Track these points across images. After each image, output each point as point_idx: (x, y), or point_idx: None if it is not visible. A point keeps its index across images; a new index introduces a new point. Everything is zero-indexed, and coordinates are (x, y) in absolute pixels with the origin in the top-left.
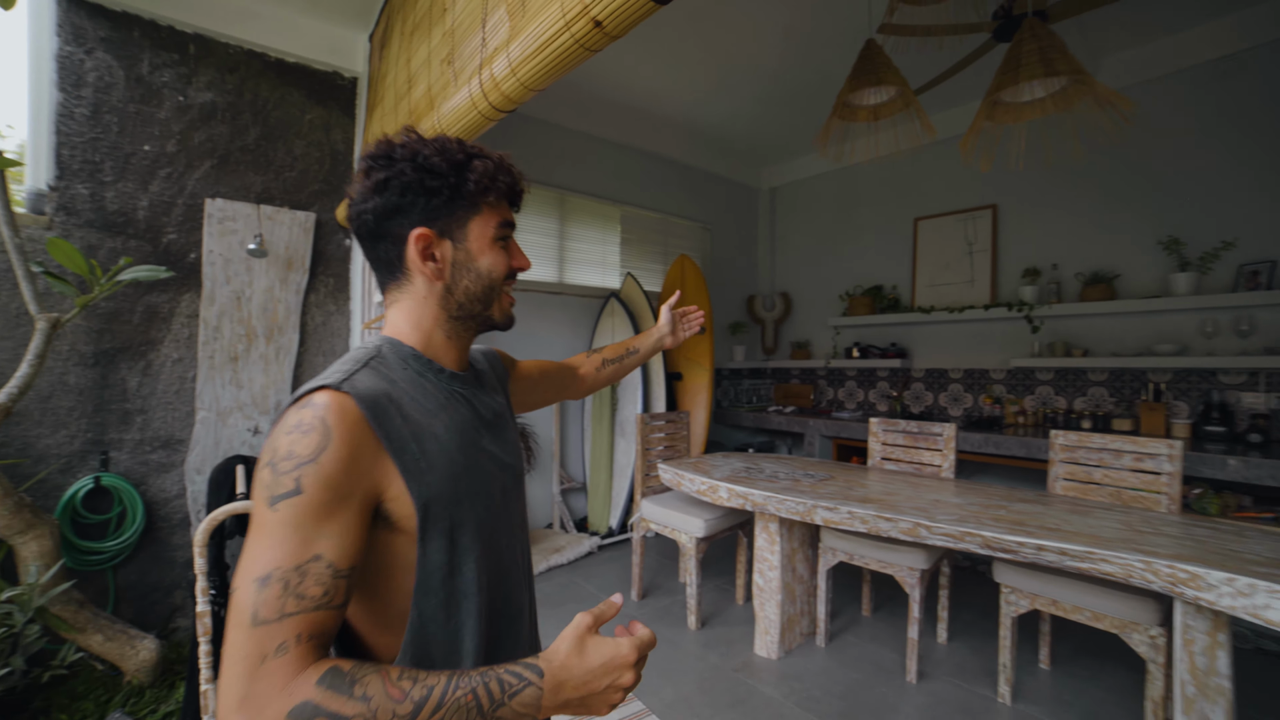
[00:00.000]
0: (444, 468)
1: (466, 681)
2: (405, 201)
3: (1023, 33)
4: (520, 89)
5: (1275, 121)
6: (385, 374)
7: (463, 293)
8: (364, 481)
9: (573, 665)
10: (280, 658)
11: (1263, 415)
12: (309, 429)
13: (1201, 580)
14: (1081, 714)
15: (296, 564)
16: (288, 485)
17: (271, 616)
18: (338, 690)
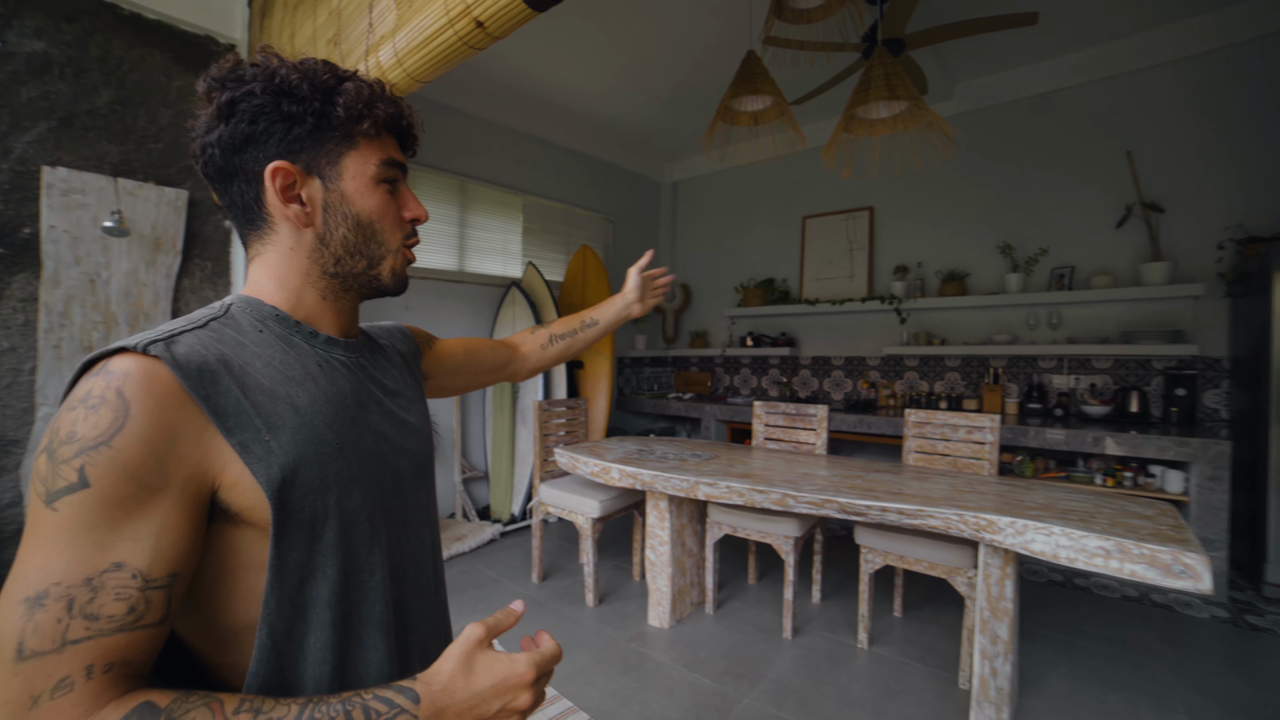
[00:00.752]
0: (304, 446)
1: (324, 710)
2: (258, 130)
3: (873, 59)
4: (407, 79)
5: (1075, 150)
6: (230, 336)
7: (339, 244)
8: (183, 468)
9: (457, 687)
10: (60, 698)
11: (1065, 394)
12: (98, 403)
13: (995, 525)
14: (922, 649)
15: (86, 576)
16: (69, 476)
17: (46, 647)
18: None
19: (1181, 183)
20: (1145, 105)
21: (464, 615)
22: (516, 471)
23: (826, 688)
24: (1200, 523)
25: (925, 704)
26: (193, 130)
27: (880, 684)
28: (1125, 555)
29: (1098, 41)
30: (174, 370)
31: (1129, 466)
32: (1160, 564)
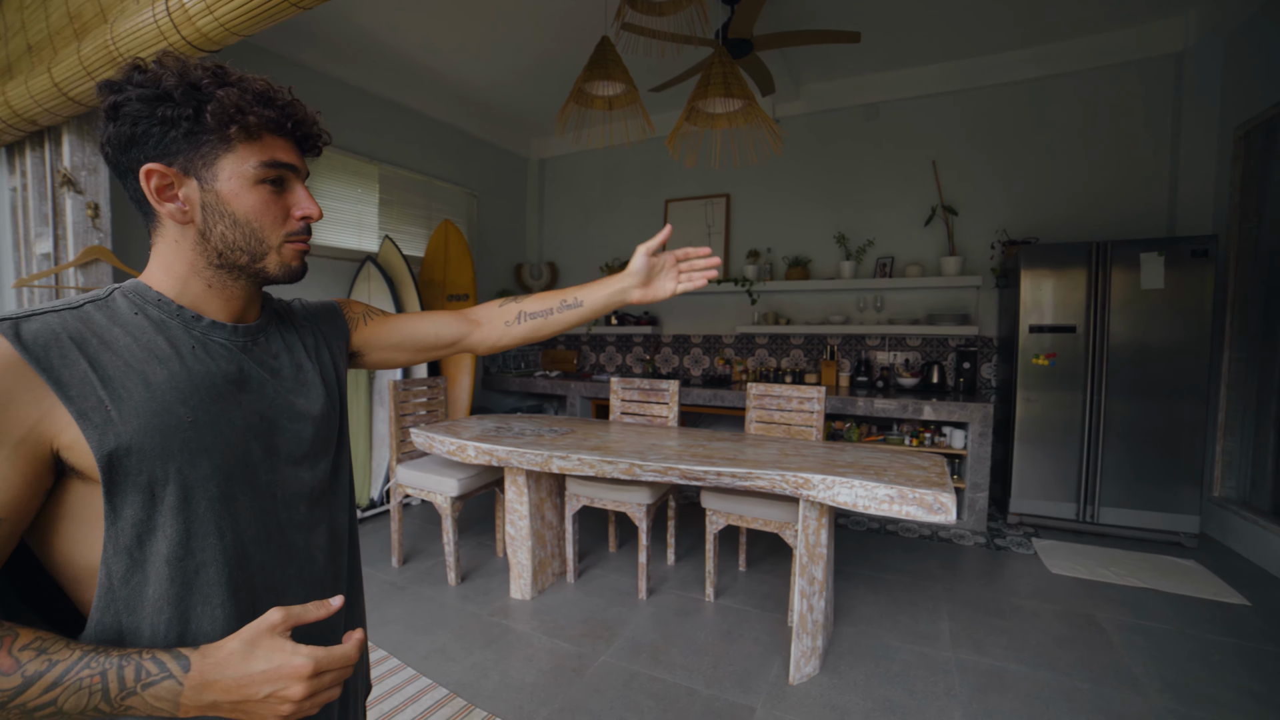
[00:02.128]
0: (150, 417)
1: (100, 662)
2: (138, 132)
3: (713, 58)
4: (221, 30)
5: (896, 155)
6: (99, 319)
7: (219, 239)
8: (17, 428)
9: (230, 665)
10: None
11: (886, 368)
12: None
13: (810, 483)
14: (761, 598)
15: None
16: None
17: None
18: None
19: (969, 191)
20: (946, 123)
21: None
22: (375, 455)
23: (676, 639)
24: (973, 471)
25: (759, 643)
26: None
27: (723, 631)
28: (904, 499)
29: (912, 64)
30: (14, 344)
31: (929, 428)
32: (925, 504)
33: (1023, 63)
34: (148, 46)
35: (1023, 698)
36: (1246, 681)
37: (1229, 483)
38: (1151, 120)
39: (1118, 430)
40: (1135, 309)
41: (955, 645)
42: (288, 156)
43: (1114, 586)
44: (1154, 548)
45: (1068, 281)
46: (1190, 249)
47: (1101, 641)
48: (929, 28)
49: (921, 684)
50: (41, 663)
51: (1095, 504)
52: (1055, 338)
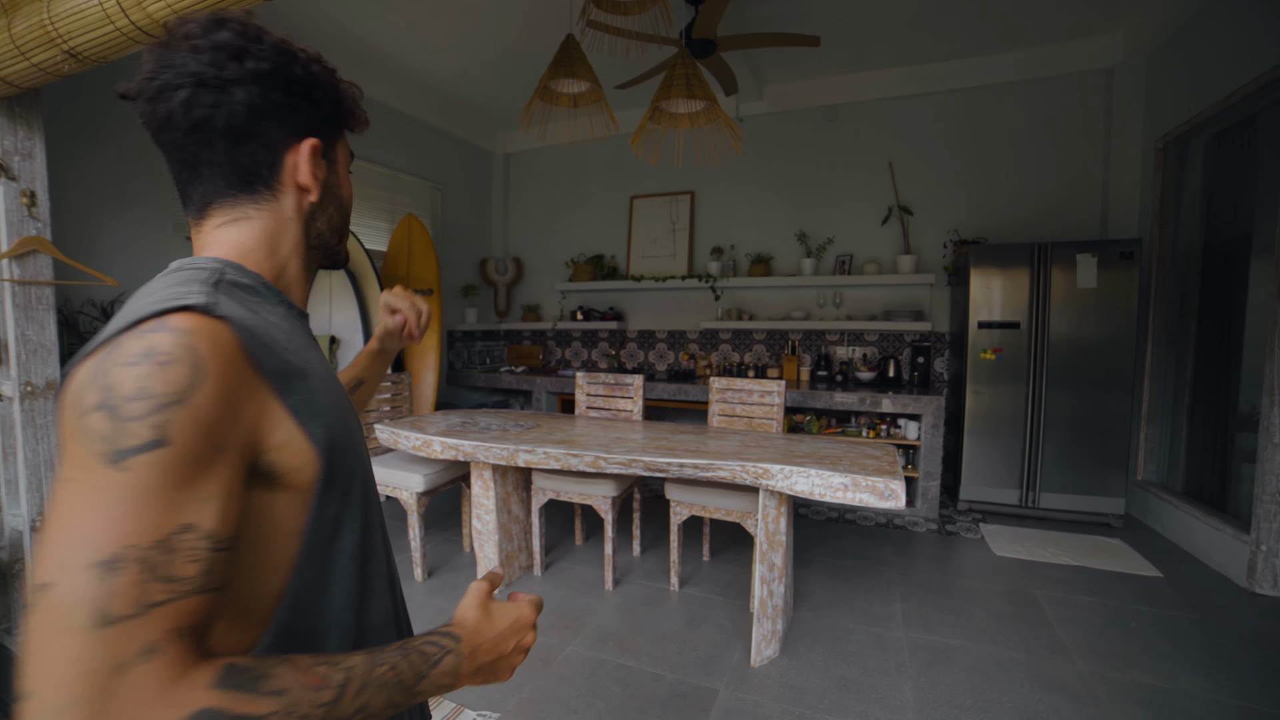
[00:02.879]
0: (333, 408)
1: (385, 657)
2: (290, 103)
3: (676, 58)
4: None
5: (854, 156)
6: (243, 299)
7: (326, 220)
8: (242, 429)
9: (484, 629)
10: (150, 663)
11: (845, 363)
12: (170, 359)
13: (769, 473)
14: (724, 585)
15: (159, 538)
16: (143, 435)
17: (129, 611)
18: (242, 690)
19: (924, 192)
20: (901, 125)
21: None
22: None
23: (642, 627)
24: (926, 461)
25: (722, 628)
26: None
27: (687, 618)
28: (858, 487)
29: (869, 68)
30: (239, 331)
31: (885, 420)
32: (877, 491)
33: (971, 70)
34: (92, 29)
35: (966, 670)
36: (1156, 643)
37: (1150, 467)
38: (1086, 130)
39: (1057, 420)
40: (1073, 306)
41: (907, 625)
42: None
43: (1050, 565)
44: (1086, 529)
45: (1013, 280)
46: (1119, 251)
47: (1038, 616)
48: (884, 34)
49: (875, 662)
50: (341, 672)
51: (1036, 490)
52: (1002, 333)
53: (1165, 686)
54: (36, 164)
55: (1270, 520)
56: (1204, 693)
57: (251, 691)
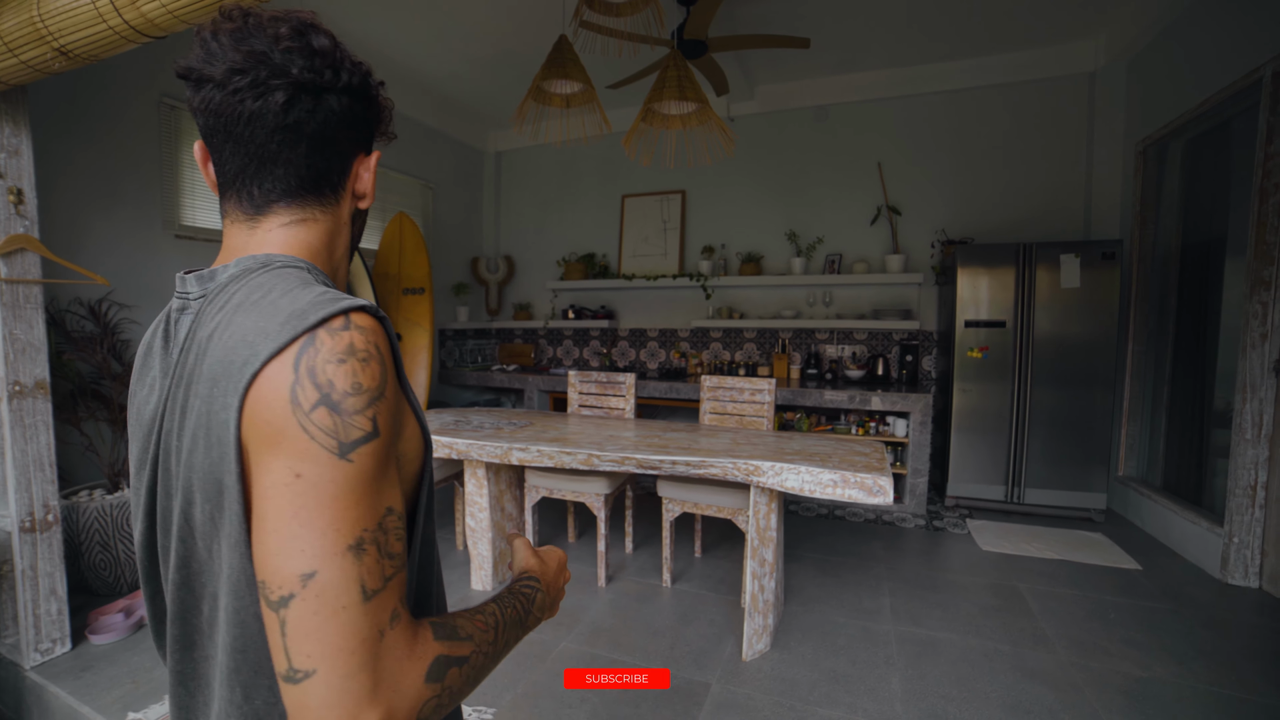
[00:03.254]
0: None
1: (507, 601)
2: (367, 116)
3: (667, 61)
4: (169, 18)
5: (843, 156)
6: None
7: (360, 225)
8: (401, 423)
9: (547, 570)
10: (396, 626)
11: (835, 361)
12: (367, 356)
13: (759, 469)
14: (715, 581)
15: (378, 520)
16: (364, 426)
17: (378, 585)
18: (452, 638)
19: (912, 192)
20: (890, 126)
21: None
22: None
23: (634, 623)
24: (914, 458)
25: (714, 624)
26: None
27: (679, 614)
28: (846, 484)
29: (859, 69)
30: (389, 330)
31: (874, 418)
32: (866, 487)
33: (958, 73)
34: (83, 28)
35: (952, 662)
36: (1132, 633)
37: (1131, 463)
38: (1070, 133)
39: (1041, 418)
40: (1057, 306)
41: (895, 619)
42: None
43: (1035, 560)
44: (1070, 524)
45: (999, 280)
46: (1101, 252)
47: (1022, 609)
48: (873, 36)
49: (864, 654)
50: (490, 618)
51: (1021, 486)
52: (988, 332)
53: (1141, 674)
54: (23, 161)
55: (1242, 514)
56: (1177, 679)
57: (456, 639)
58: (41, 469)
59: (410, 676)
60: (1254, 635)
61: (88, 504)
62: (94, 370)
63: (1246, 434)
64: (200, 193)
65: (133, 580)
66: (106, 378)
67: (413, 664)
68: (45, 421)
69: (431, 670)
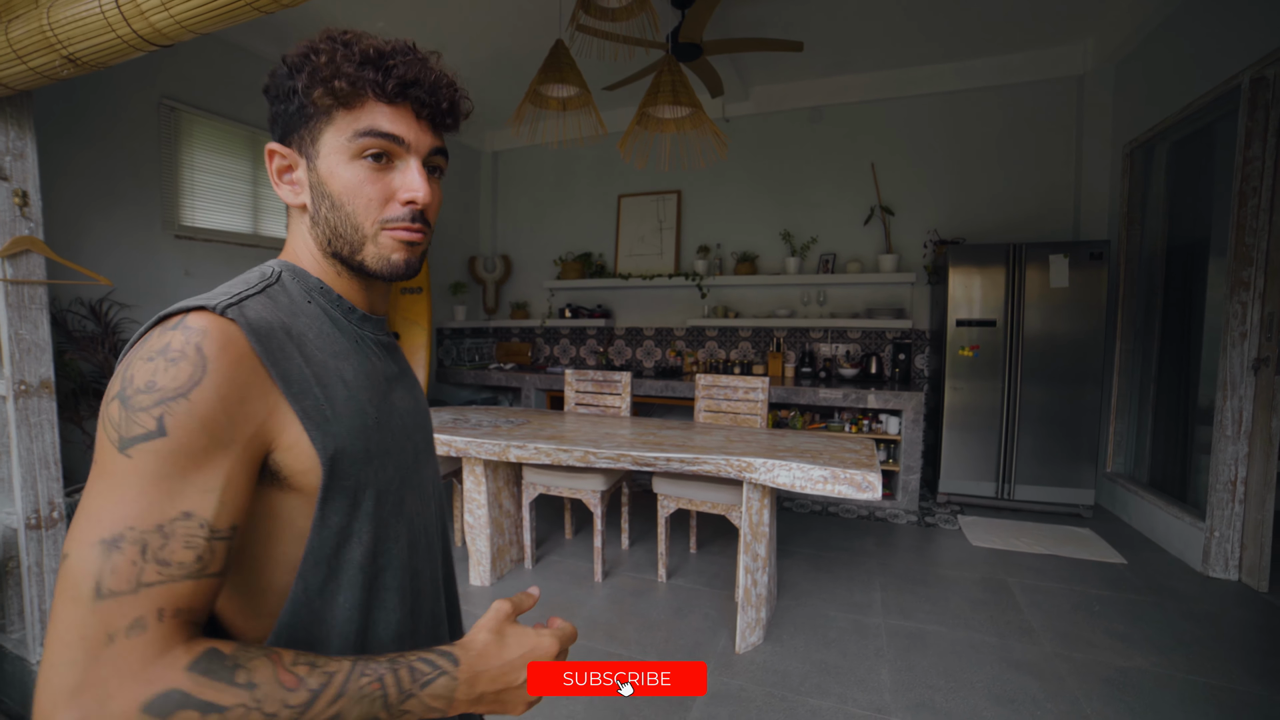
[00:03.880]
0: (352, 418)
1: (373, 668)
2: (275, 111)
3: (662, 65)
4: (176, 27)
5: (837, 156)
6: (284, 304)
7: (325, 225)
8: (248, 427)
9: (491, 655)
10: (134, 638)
11: (829, 359)
12: (178, 356)
13: (752, 466)
14: (710, 576)
15: (158, 523)
16: (146, 425)
17: (122, 588)
18: (214, 677)
19: (905, 192)
20: (883, 127)
21: None
22: None
23: (630, 617)
24: (906, 455)
25: (708, 618)
26: None
27: (674, 608)
28: (836, 479)
29: (851, 71)
30: (247, 333)
31: (867, 416)
32: (855, 483)
33: (950, 75)
34: (92, 36)
35: (940, 654)
36: (1117, 625)
37: (1119, 460)
38: (1060, 134)
39: (1031, 415)
40: (1046, 305)
41: (886, 612)
42: (393, 126)
43: (1024, 555)
44: (1058, 519)
45: (990, 279)
46: (1089, 252)
47: (1009, 602)
48: (865, 39)
49: (854, 647)
50: (320, 676)
51: (1011, 482)
52: (979, 331)
53: (1123, 664)
54: (28, 164)
55: (1223, 508)
56: (1157, 668)
57: (223, 680)
58: (47, 466)
59: (124, 697)
60: (1233, 626)
61: None
62: (95, 369)
63: (1227, 430)
64: (200, 193)
65: None
66: (107, 376)
67: (134, 685)
68: (50, 420)
69: (155, 703)
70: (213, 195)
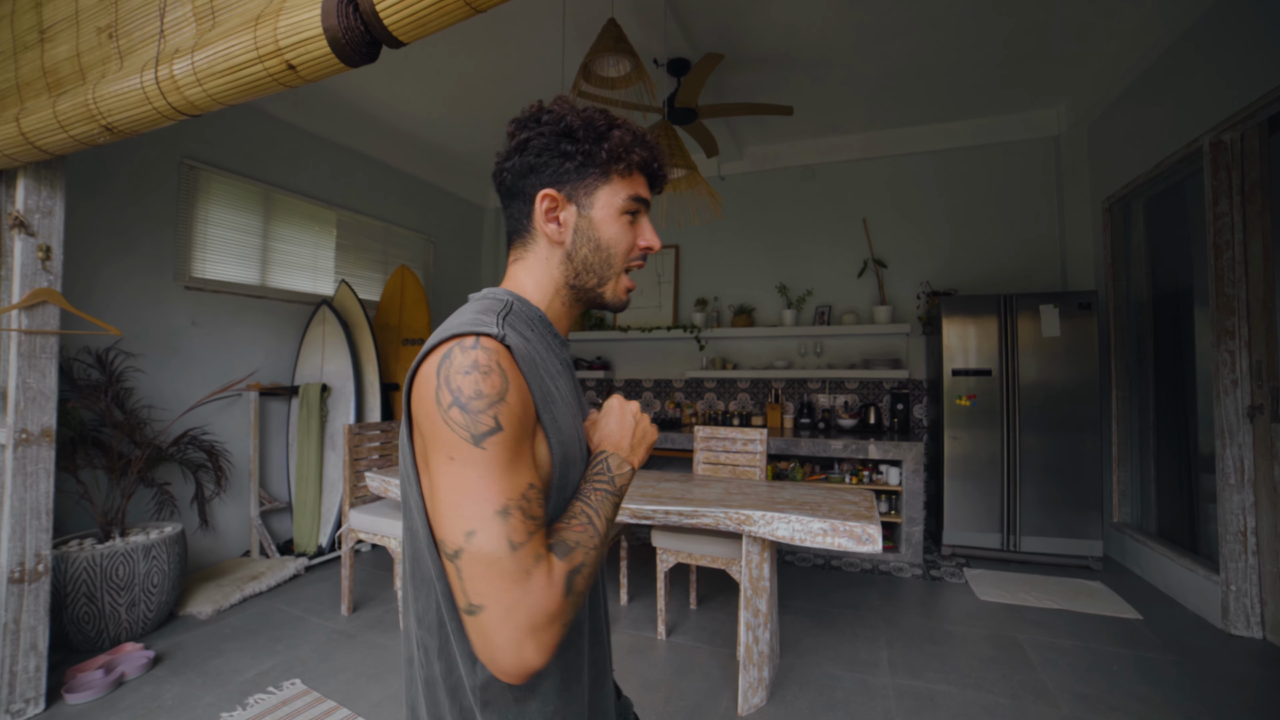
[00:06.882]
0: (566, 431)
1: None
2: (540, 162)
3: (659, 130)
4: (208, 100)
5: (830, 212)
6: (523, 330)
7: (581, 262)
8: (531, 420)
9: (602, 434)
10: (539, 565)
11: (827, 410)
12: (489, 370)
13: (751, 519)
14: (711, 634)
15: (521, 492)
16: (489, 423)
17: (523, 540)
18: (568, 555)
19: (896, 245)
20: (873, 184)
21: (262, 658)
22: (325, 500)
23: (629, 676)
24: (908, 506)
25: (709, 678)
26: (498, 157)
27: (675, 667)
28: (836, 532)
29: (840, 132)
30: (515, 356)
31: (867, 466)
32: (855, 535)
33: (933, 135)
34: (131, 109)
35: (952, 716)
36: (1137, 687)
37: (1124, 509)
38: (1042, 191)
39: (1032, 464)
40: (1039, 354)
41: (893, 671)
42: (646, 192)
43: (1034, 609)
44: (1067, 571)
45: (983, 329)
46: (1078, 302)
47: (1022, 661)
48: (849, 102)
49: (861, 709)
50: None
51: (1017, 534)
52: (975, 380)
53: None
54: (55, 220)
55: (1236, 560)
56: None
57: (570, 552)
58: (38, 517)
59: (552, 598)
60: (1261, 688)
61: (77, 554)
62: (96, 418)
63: (1230, 479)
64: (214, 246)
65: (115, 635)
66: (108, 425)
67: (551, 589)
68: (47, 469)
69: (564, 587)
70: (224, 248)
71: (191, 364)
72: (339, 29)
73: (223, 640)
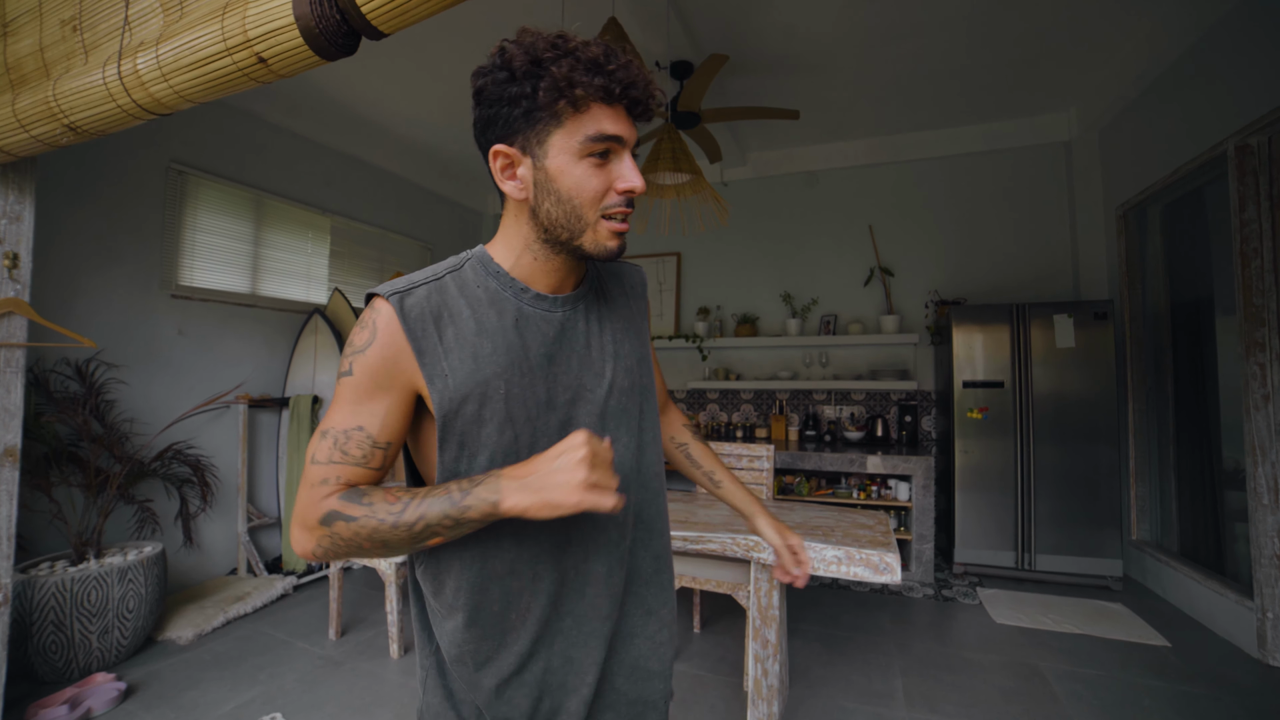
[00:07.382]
0: (471, 388)
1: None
2: (492, 113)
3: (662, 134)
4: (176, 98)
5: (835, 219)
6: (453, 290)
7: (545, 217)
8: (399, 379)
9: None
10: (323, 488)
11: (833, 422)
12: (364, 326)
13: (759, 545)
14: (715, 661)
15: (345, 429)
16: (344, 366)
17: (323, 460)
18: (350, 500)
19: (904, 253)
20: (879, 191)
21: (242, 688)
22: None
23: None
24: (918, 523)
25: (715, 710)
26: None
27: (679, 699)
28: (851, 560)
29: (845, 138)
30: (399, 317)
31: (875, 481)
32: (872, 564)
33: (941, 141)
34: (94, 106)
35: None
36: None
37: (1144, 526)
38: (1053, 197)
39: (1047, 479)
40: (1053, 365)
41: (909, 704)
42: (615, 127)
43: (1053, 634)
44: (1086, 592)
45: (994, 339)
46: (1093, 311)
47: (1045, 693)
48: (855, 106)
49: None
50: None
51: (1031, 551)
52: (987, 392)
53: None
54: (24, 227)
55: (1272, 585)
56: None
57: (354, 501)
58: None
59: (311, 516)
60: None
61: (46, 578)
62: (73, 432)
63: (1263, 499)
64: (203, 253)
65: (85, 665)
66: (86, 440)
67: (313, 510)
68: (10, 491)
69: (325, 517)
70: (213, 255)
71: (178, 375)
72: (312, 17)
73: (202, 668)
